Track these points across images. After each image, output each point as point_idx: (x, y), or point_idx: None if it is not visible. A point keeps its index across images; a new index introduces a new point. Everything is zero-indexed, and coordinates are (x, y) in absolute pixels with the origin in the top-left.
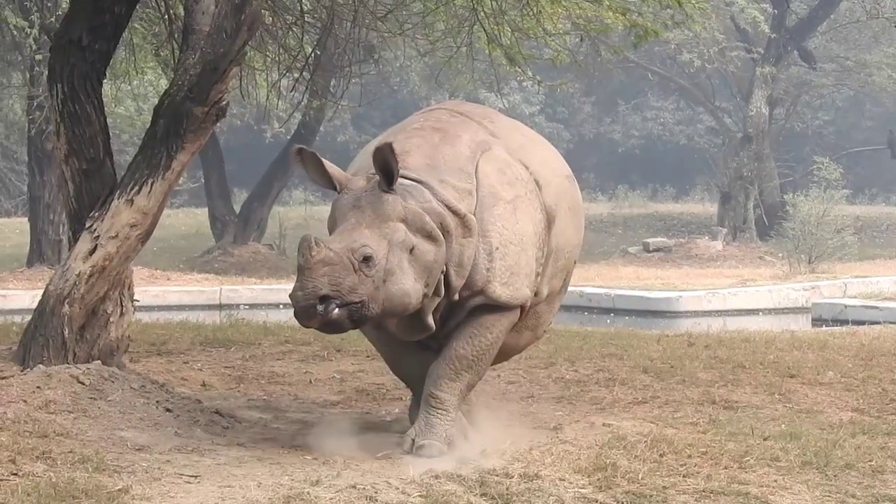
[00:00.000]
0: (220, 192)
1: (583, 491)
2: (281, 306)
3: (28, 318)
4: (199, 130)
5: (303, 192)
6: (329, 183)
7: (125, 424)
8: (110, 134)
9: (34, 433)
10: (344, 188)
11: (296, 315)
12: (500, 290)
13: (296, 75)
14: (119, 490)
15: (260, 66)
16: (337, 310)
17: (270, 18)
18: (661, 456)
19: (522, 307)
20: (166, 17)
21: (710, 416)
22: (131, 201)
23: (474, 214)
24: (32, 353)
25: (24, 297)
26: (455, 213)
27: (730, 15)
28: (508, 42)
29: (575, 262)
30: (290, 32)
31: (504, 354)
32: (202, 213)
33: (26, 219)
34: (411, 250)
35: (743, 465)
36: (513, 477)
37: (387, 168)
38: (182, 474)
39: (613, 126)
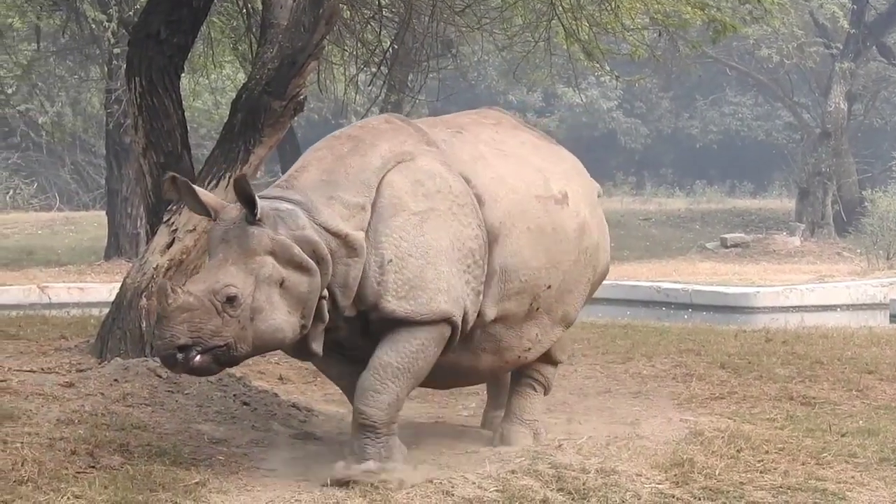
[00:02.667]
0: None
1: (659, 486)
2: None
3: (106, 311)
4: (277, 124)
5: None
6: (204, 211)
7: (202, 418)
8: (188, 127)
9: (112, 426)
10: (218, 217)
11: (161, 363)
12: (396, 305)
13: (373, 69)
14: (196, 483)
15: (338, 61)
16: (199, 357)
17: (348, 13)
18: (738, 452)
19: (450, 322)
20: (244, 10)
21: (787, 412)
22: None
23: (369, 227)
24: (110, 346)
25: (101, 290)
26: (336, 234)
27: (809, 10)
28: (586, 37)
29: (550, 287)
30: (368, 27)
31: (463, 376)
32: None
33: (104, 212)
34: (281, 283)
35: (820, 461)
36: (589, 472)
37: (248, 199)
38: (259, 468)
39: (691, 121)
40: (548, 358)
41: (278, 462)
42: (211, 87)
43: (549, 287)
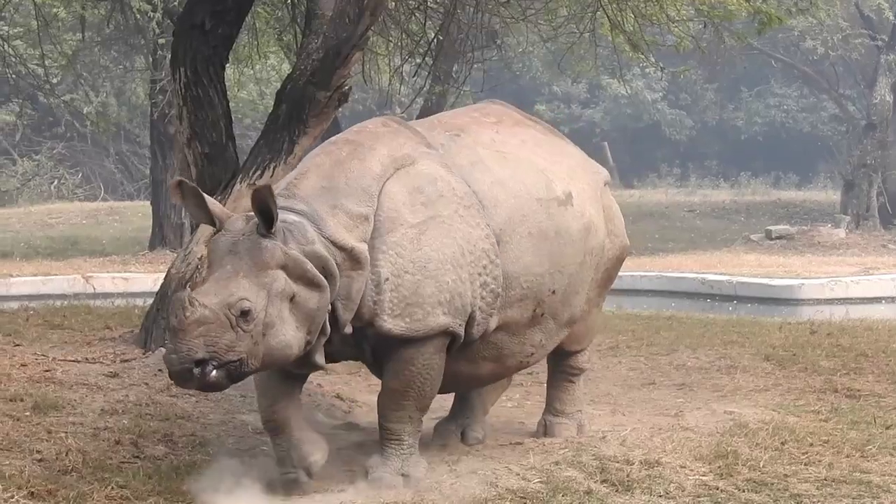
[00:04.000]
0: None
1: (704, 478)
2: None
3: (150, 301)
4: (322, 115)
5: None
6: (209, 219)
7: (246, 408)
8: (232, 118)
9: (156, 416)
10: (223, 227)
11: (171, 378)
12: (392, 324)
13: (418, 60)
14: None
15: (382, 52)
16: (214, 371)
17: (393, 3)
18: (782, 444)
19: (451, 333)
20: (289, 1)
21: (832, 405)
22: (253, 185)
23: (369, 240)
24: (154, 336)
25: (146, 280)
26: (341, 247)
27: (854, 2)
28: (631, 28)
29: (554, 292)
30: (413, 17)
31: (462, 384)
32: None
33: (149, 202)
34: (292, 298)
35: (865, 453)
36: (633, 464)
37: (266, 212)
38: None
39: (736, 113)
40: (569, 352)
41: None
42: (256, 78)
43: (554, 292)
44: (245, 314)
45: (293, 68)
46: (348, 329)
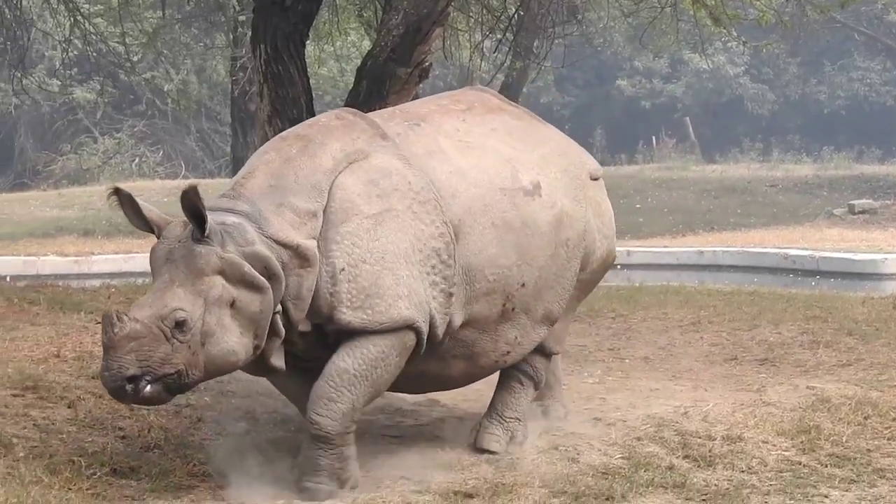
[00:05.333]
0: None
1: (786, 453)
2: None
3: None
4: (402, 91)
5: None
6: (146, 226)
7: None
8: (313, 95)
9: (237, 394)
10: (161, 234)
11: (110, 394)
12: (351, 316)
13: (499, 36)
14: None
15: (463, 27)
16: (149, 386)
17: None
18: (865, 419)
19: (414, 329)
20: None
21: None
22: None
23: (319, 234)
24: None
25: None
26: (286, 245)
27: None
28: (713, 2)
29: (524, 285)
30: None
31: (434, 384)
32: None
33: (229, 180)
34: (232, 304)
35: None
36: (715, 439)
37: (196, 214)
38: (385, 434)
39: (819, 87)
40: (541, 350)
41: (404, 429)
42: (336, 55)
43: (524, 285)
44: (180, 325)
45: (374, 45)
46: (306, 327)
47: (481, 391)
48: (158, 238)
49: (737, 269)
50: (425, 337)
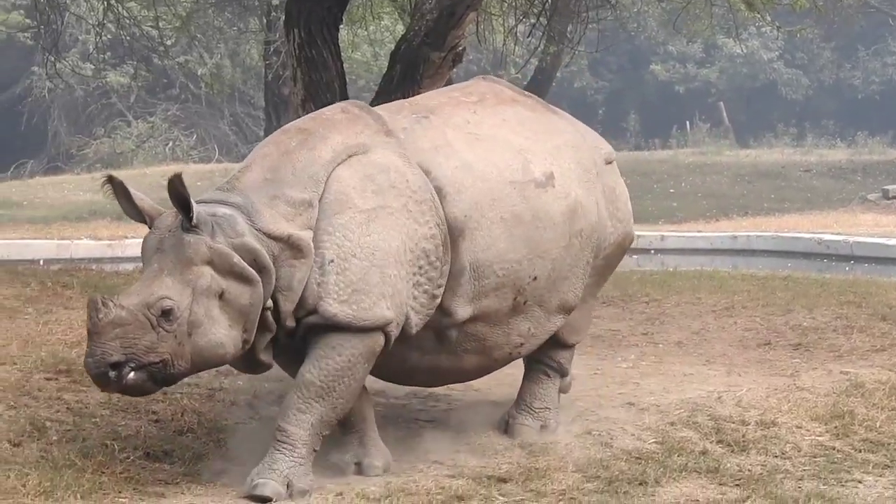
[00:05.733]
0: None
1: (819, 438)
2: None
3: None
4: (436, 76)
5: None
6: (139, 216)
7: None
8: (346, 79)
9: (270, 377)
10: (152, 223)
11: (93, 382)
12: (337, 308)
13: (532, 21)
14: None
15: (496, 12)
16: (133, 374)
17: None
18: None
19: (385, 332)
20: None
21: None
22: None
23: (315, 223)
24: None
25: None
26: (278, 238)
27: None
28: None
29: (536, 279)
30: None
31: (447, 378)
32: None
33: None
34: (221, 295)
35: None
36: (749, 424)
37: (182, 202)
38: (417, 419)
39: (853, 72)
40: (559, 342)
41: (436, 413)
42: (370, 39)
43: (535, 279)
44: (167, 314)
45: (407, 29)
46: (291, 323)
47: (514, 375)
48: (150, 228)
49: (770, 254)
50: (393, 339)
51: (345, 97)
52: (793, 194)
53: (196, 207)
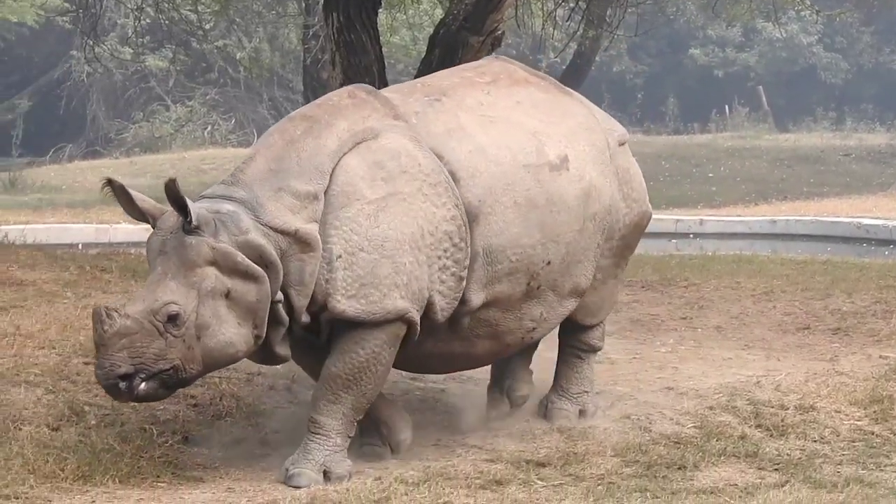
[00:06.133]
0: None
1: (859, 423)
2: None
3: None
4: (475, 60)
5: None
6: (141, 217)
7: None
8: (385, 63)
9: None
10: (155, 224)
11: (106, 393)
12: (345, 304)
13: (571, 4)
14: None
15: None
16: (144, 384)
17: None
18: None
19: (404, 320)
20: None
21: None
22: None
23: (322, 217)
24: None
25: None
26: (284, 232)
27: None
28: None
29: (550, 263)
30: None
31: (458, 363)
32: None
33: None
34: (227, 294)
35: None
36: (788, 409)
37: (179, 204)
38: (456, 404)
39: (893, 56)
40: (582, 325)
41: (476, 397)
42: (408, 23)
43: (549, 263)
44: (173, 319)
45: (446, 13)
46: (306, 319)
47: (553, 360)
48: (153, 228)
49: (810, 239)
50: (418, 325)
51: (383, 81)
52: (832, 178)
53: (196, 207)
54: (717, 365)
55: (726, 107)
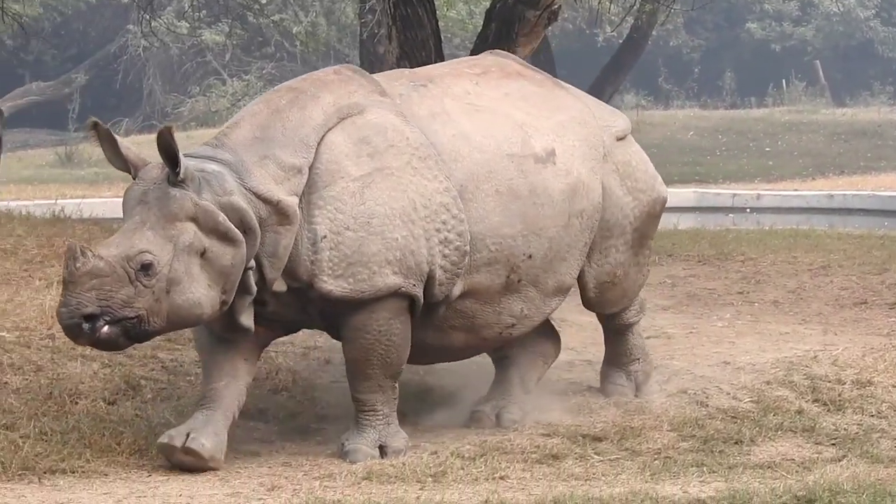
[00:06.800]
0: None
1: None
2: None
3: None
4: (531, 34)
5: (634, 96)
6: (123, 166)
7: None
8: (441, 37)
9: None
10: (137, 174)
11: (65, 333)
12: (333, 285)
13: None
14: (450, 393)
15: None
16: (106, 327)
17: None
18: None
19: (406, 295)
20: None
21: None
22: None
23: (302, 196)
24: None
25: None
26: (266, 200)
27: None
28: None
29: (531, 257)
30: None
31: (433, 355)
32: None
33: None
34: (203, 253)
35: None
36: (845, 383)
37: (171, 155)
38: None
39: None
40: (615, 312)
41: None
42: None
43: (531, 257)
44: (146, 268)
45: None
46: (281, 287)
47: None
48: (134, 178)
49: (867, 213)
50: (420, 298)
51: (440, 55)
52: (890, 153)
53: (185, 162)
54: (774, 339)
55: (783, 81)
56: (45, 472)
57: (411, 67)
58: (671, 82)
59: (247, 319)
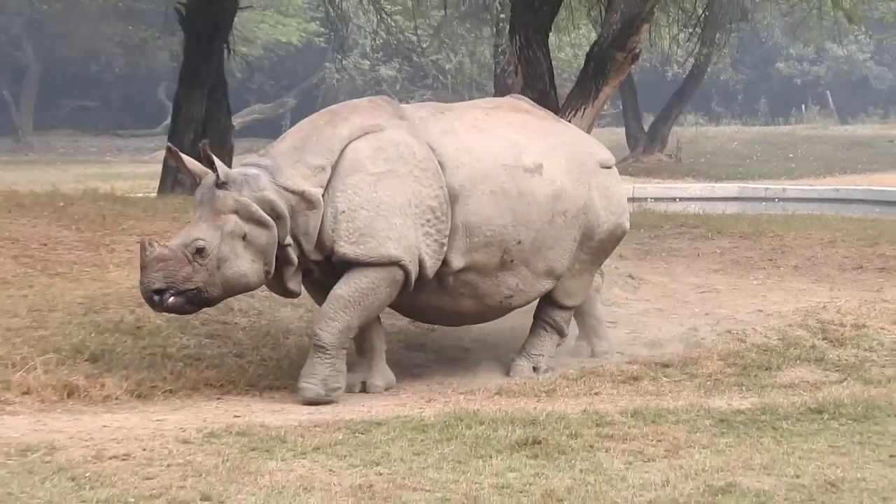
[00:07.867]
0: (633, 116)
1: None
2: (677, 199)
3: None
4: (619, 70)
5: (694, 116)
6: (191, 176)
7: None
8: (554, 72)
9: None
10: (200, 182)
11: (146, 302)
12: (347, 248)
13: (690, 30)
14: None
15: (664, 23)
16: (172, 298)
17: None
18: None
19: (400, 266)
20: None
21: None
22: (569, 122)
23: (329, 184)
24: None
25: None
26: (294, 192)
27: None
28: (848, 6)
29: (520, 243)
30: None
31: (451, 317)
32: (620, 132)
33: None
34: (244, 236)
35: None
36: (846, 326)
37: (211, 164)
38: (607, 320)
39: None
40: (556, 303)
41: (621, 315)
42: (571, 43)
43: (520, 243)
44: (200, 251)
45: (598, 36)
46: (318, 256)
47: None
48: (197, 185)
49: (863, 203)
50: (413, 274)
51: (552, 85)
52: (880, 158)
53: (224, 168)
54: (795, 294)
55: (802, 106)
56: (264, 389)
57: (532, 94)
58: (721, 106)
59: (294, 285)
